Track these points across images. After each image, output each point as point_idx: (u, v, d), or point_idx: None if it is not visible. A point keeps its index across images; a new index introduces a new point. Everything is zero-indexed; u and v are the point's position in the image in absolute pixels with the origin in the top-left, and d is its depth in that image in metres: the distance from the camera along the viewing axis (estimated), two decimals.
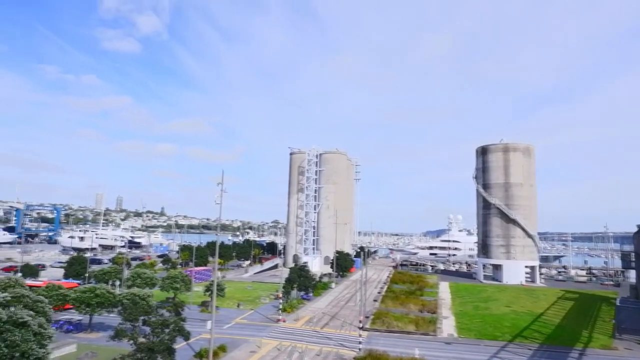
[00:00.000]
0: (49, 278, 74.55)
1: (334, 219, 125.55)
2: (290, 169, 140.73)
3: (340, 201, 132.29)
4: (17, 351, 23.32)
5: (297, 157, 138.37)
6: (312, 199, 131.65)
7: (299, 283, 68.43)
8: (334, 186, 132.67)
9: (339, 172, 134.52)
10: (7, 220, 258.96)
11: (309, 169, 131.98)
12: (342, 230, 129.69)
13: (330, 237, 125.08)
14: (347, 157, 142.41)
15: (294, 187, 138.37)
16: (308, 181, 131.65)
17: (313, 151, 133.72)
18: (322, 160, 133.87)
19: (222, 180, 37.31)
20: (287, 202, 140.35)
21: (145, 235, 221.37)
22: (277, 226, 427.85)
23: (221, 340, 41.74)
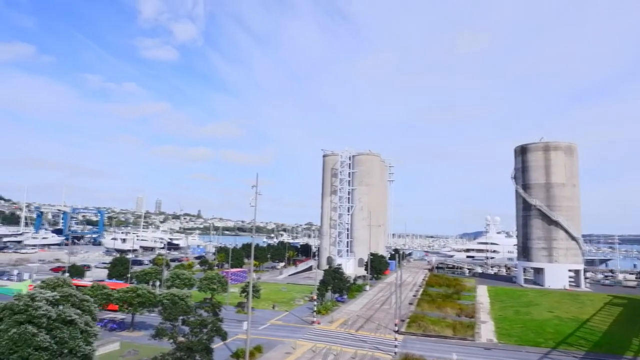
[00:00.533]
0: (93, 278, 77.88)
1: (368, 221, 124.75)
2: (323, 171, 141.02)
3: (373, 203, 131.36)
4: (65, 347, 24.42)
5: (330, 159, 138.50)
6: (346, 200, 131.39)
7: (333, 285, 68.36)
8: (368, 188, 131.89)
9: (372, 174, 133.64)
10: (55, 222, 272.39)
11: (342, 170, 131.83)
12: (376, 232, 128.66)
13: (364, 239, 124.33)
14: (381, 158, 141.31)
15: (327, 189, 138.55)
16: (341, 183, 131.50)
17: (346, 153, 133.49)
18: (355, 162, 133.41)
19: (256, 182, 37.85)
20: (321, 204, 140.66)
21: (183, 237, 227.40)
22: (310, 228, 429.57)
23: (257, 341, 42.28)
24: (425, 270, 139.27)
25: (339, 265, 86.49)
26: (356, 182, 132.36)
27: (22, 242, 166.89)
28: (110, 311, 50.38)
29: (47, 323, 24.26)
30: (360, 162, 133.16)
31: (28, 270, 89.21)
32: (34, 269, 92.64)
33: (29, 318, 24.00)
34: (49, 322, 24.38)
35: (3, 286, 55.67)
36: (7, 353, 23.00)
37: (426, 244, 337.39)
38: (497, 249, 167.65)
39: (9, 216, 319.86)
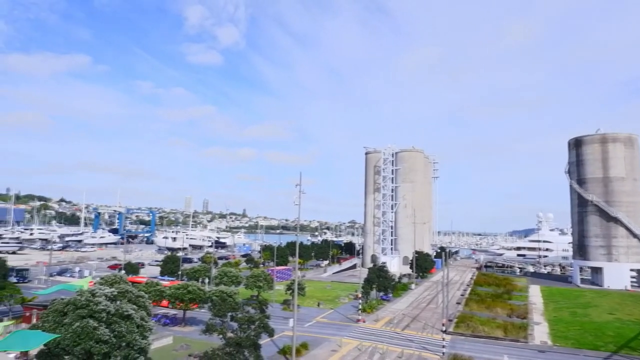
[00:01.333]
0: (147, 275, 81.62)
1: (412, 219, 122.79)
2: (366, 168, 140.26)
3: (417, 200, 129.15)
4: (123, 341, 25.78)
5: (372, 156, 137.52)
6: (389, 198, 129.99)
7: (378, 283, 67.89)
8: (411, 185, 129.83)
9: (415, 171, 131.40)
10: (111, 222, 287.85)
11: (385, 168, 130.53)
12: (421, 229, 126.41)
13: (409, 237, 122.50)
14: (424, 154, 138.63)
15: (370, 187, 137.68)
16: (384, 180, 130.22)
17: (389, 150, 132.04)
18: (398, 159, 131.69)
19: (300, 181, 38.24)
20: (364, 202, 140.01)
21: (230, 236, 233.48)
22: (354, 226, 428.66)
23: (303, 338, 42.74)
24: (472, 269, 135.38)
25: (383, 263, 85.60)
26: (399, 179, 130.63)
27: (82, 241, 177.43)
28: (163, 307, 52.59)
29: (106, 317, 25.70)
30: (403, 158, 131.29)
31: (88, 268, 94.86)
32: (93, 267, 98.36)
33: (90, 312, 25.52)
34: (108, 317, 25.82)
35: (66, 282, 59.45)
36: (71, 345, 24.57)
37: (473, 242, 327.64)
38: (550, 247, 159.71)
39: (70, 217, 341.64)
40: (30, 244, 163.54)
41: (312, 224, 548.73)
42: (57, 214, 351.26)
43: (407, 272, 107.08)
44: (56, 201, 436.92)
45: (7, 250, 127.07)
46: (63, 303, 26.91)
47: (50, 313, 26.78)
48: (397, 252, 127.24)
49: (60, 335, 24.71)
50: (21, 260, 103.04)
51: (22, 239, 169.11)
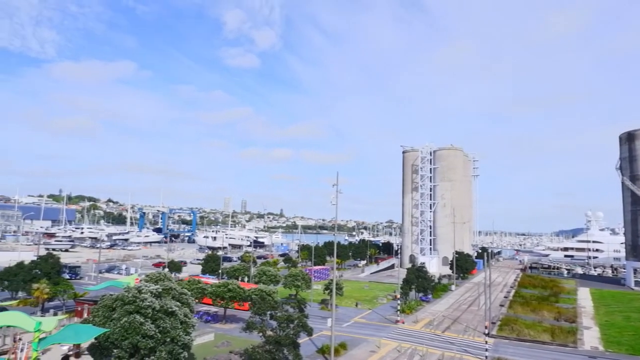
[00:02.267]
0: (189, 273, 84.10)
1: (452, 218, 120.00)
2: (403, 167, 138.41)
3: (457, 199, 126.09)
4: (168, 336, 26.63)
5: (409, 155, 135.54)
6: (427, 197, 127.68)
7: (417, 284, 66.81)
8: (450, 184, 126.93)
9: (455, 169, 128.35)
10: (155, 222, 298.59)
11: (422, 166, 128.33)
12: (461, 229, 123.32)
13: (448, 237, 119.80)
14: (463, 152, 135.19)
15: (407, 186, 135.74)
16: (422, 179, 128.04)
17: (426, 148, 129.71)
18: (437, 157, 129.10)
19: (337, 181, 38.18)
20: (402, 202, 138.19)
21: (268, 236, 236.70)
22: (391, 226, 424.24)
23: (341, 338, 42.65)
24: (516, 270, 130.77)
25: (422, 263, 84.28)
26: (438, 178, 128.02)
27: (128, 240, 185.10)
28: (206, 304, 53.95)
29: (152, 313, 26.62)
30: (441, 157, 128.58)
31: (134, 265, 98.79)
32: (139, 264, 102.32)
33: (137, 308, 26.51)
34: (154, 313, 26.74)
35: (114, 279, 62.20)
36: (120, 339, 25.63)
37: (517, 242, 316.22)
38: (600, 247, 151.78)
39: (117, 217, 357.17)
40: (81, 242, 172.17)
41: (349, 224, 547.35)
42: (105, 214, 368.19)
43: (446, 273, 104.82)
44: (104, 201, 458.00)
45: (60, 248, 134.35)
46: (112, 299, 28.13)
47: (100, 308, 28.05)
48: (436, 253, 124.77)
49: (110, 329, 25.83)
50: (73, 258, 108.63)
51: (74, 237, 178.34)
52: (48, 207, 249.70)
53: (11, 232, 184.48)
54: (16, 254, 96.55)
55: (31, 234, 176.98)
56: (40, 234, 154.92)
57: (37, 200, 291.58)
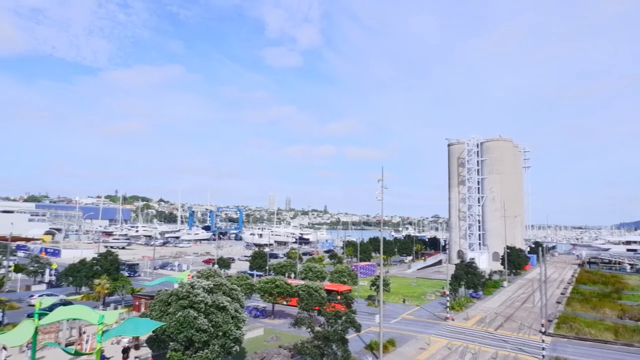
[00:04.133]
0: (237, 270, 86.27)
1: (501, 212, 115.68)
2: (448, 161, 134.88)
3: (507, 192, 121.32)
4: (220, 330, 27.45)
5: (455, 148, 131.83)
6: (475, 191, 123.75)
7: (466, 280, 65.03)
8: (499, 176, 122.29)
9: (504, 161, 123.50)
10: (204, 220, 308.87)
11: (469, 159, 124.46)
12: (512, 223, 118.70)
13: (498, 232, 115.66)
14: (513, 143, 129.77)
15: (454, 180, 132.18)
16: (469, 172, 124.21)
17: (473, 140, 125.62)
18: (484, 149, 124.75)
19: (381, 176, 37.76)
20: (448, 196, 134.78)
21: (312, 232, 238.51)
22: (437, 221, 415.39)
23: (389, 334, 42.24)
24: (573, 265, 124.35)
25: (471, 259, 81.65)
26: (486, 171, 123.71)
27: (179, 237, 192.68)
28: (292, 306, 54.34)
29: (204, 308, 27.53)
30: (489, 149, 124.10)
31: (185, 262, 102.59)
32: (190, 261, 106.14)
33: (191, 303, 27.50)
34: (206, 308, 27.63)
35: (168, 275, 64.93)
36: (175, 332, 26.69)
37: (573, 236, 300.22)
38: None
39: (168, 215, 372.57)
40: (136, 240, 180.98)
41: (393, 219, 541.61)
42: (158, 213, 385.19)
43: (497, 269, 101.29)
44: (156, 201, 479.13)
45: (117, 245, 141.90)
46: (167, 294, 29.32)
47: (157, 303, 29.33)
48: (486, 248, 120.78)
49: (166, 323, 26.94)
50: (129, 255, 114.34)
51: (130, 235, 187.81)
52: (106, 207, 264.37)
53: (74, 231, 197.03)
54: (79, 252, 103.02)
55: (91, 233, 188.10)
56: (99, 233, 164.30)
57: (95, 201, 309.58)
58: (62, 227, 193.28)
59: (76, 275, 58.55)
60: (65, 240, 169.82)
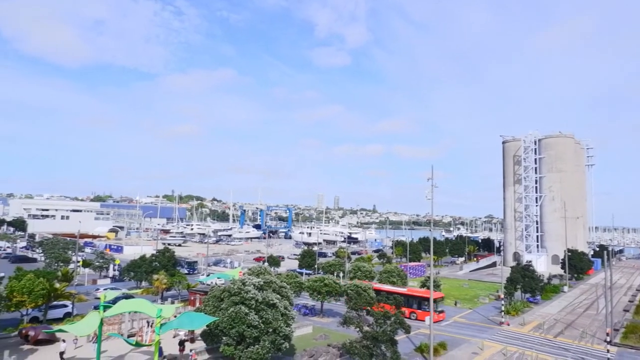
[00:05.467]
0: (287, 268, 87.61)
1: (562, 212, 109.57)
2: (503, 159, 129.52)
3: (568, 192, 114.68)
4: (270, 327, 28.09)
5: (511, 145, 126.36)
6: (533, 190, 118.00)
7: (523, 284, 62.18)
8: (559, 175, 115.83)
9: (564, 159, 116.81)
10: (254, 219, 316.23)
11: (526, 157, 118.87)
12: (573, 225, 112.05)
13: (558, 233, 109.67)
14: (575, 140, 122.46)
15: (509, 179, 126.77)
16: (526, 171, 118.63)
17: (530, 137, 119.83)
18: (542, 146, 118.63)
19: (432, 175, 36.97)
20: (503, 195, 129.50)
21: (361, 231, 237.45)
22: (491, 221, 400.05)
23: (440, 337, 41.28)
24: None
25: (528, 262, 78.00)
26: (544, 169, 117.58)
27: (231, 235, 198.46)
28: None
29: (255, 305, 28.28)
30: (548, 145, 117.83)
31: (237, 259, 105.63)
32: (242, 258, 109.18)
33: (242, 300, 28.34)
34: (257, 304, 28.37)
35: (221, 272, 67.22)
36: (228, 328, 27.61)
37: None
38: None
39: (221, 214, 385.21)
40: (191, 237, 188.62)
41: (444, 219, 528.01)
42: (211, 212, 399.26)
43: (557, 273, 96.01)
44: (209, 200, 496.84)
45: (174, 243, 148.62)
46: (220, 290, 30.39)
47: (210, 298, 30.47)
48: (544, 250, 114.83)
49: (219, 318, 27.94)
50: (185, 252, 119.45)
51: (185, 233, 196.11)
52: (163, 206, 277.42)
53: (134, 229, 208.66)
54: (139, 248, 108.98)
55: (150, 231, 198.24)
56: (157, 231, 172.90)
57: (154, 200, 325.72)
58: (124, 225, 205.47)
59: (137, 270, 62.02)
60: (127, 237, 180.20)
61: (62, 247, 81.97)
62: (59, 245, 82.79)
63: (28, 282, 39.34)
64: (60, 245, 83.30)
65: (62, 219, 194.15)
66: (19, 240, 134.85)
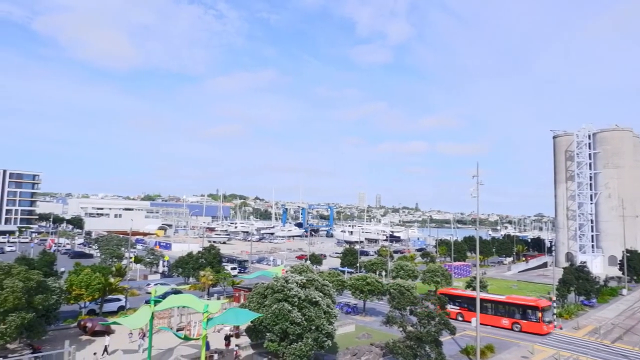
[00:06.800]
0: (328, 266, 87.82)
1: (620, 211, 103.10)
2: (554, 154, 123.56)
3: (626, 189, 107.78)
4: (313, 325, 28.25)
5: (562, 140, 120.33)
6: (587, 187, 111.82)
7: (576, 286, 59.09)
8: (616, 170, 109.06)
9: (622, 153, 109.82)
10: (296, 217, 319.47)
11: (579, 152, 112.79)
12: (632, 224, 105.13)
13: (615, 233, 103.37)
14: (633, 133, 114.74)
15: (561, 175, 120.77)
16: (579, 167, 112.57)
17: (583, 131, 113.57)
18: (597, 141, 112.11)
19: (477, 172, 35.84)
20: (554, 193, 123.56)
21: (403, 230, 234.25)
22: (541, 220, 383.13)
23: (487, 339, 39.97)
24: None
25: (582, 262, 74.06)
26: (600, 165, 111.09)
27: (274, 233, 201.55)
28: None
29: (298, 302, 28.52)
30: (604, 140, 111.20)
31: (280, 257, 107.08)
32: (284, 256, 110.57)
33: (285, 297, 28.68)
34: (299, 302, 28.60)
35: (264, 269, 68.41)
36: (271, 324, 28.03)
37: None
38: None
39: (263, 212, 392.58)
40: (235, 235, 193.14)
41: (490, 218, 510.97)
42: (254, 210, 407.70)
43: (615, 275, 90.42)
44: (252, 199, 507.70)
45: (219, 240, 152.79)
46: (263, 287, 30.90)
47: (254, 295, 31.05)
48: (600, 251, 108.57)
49: (262, 314, 28.42)
50: (229, 250, 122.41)
51: (229, 231, 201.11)
52: (208, 205, 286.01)
53: (182, 227, 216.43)
54: (186, 246, 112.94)
55: (196, 228, 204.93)
56: (203, 229, 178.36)
57: (199, 199, 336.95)
58: (172, 223, 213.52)
59: (184, 266, 64.28)
60: (175, 235, 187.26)
61: (116, 243, 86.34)
62: (112, 242, 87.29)
63: (85, 276, 41.78)
64: (114, 242, 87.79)
65: (115, 217, 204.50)
66: (77, 237, 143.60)
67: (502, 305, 46.82)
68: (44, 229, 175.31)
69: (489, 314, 47.07)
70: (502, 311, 46.53)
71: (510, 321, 45.88)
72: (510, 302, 47.31)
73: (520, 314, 45.67)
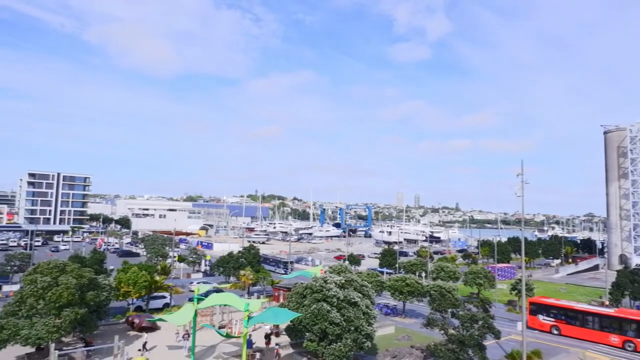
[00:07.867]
0: (367, 267, 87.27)
1: None
2: (605, 151, 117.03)
3: None
4: (352, 325, 28.13)
5: (614, 135, 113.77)
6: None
7: (631, 290, 55.67)
8: None
9: None
10: (334, 217, 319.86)
11: (633, 148, 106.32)
12: None
13: None
14: None
15: (613, 173, 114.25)
16: (634, 163, 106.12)
17: (637, 125, 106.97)
18: None
19: (521, 170, 34.52)
20: (605, 191, 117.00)
21: (443, 230, 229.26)
22: (591, 220, 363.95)
23: (534, 344, 38.36)
24: None
25: (638, 265, 69.69)
26: None
27: (312, 234, 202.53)
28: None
29: (336, 302, 28.50)
30: None
31: (318, 258, 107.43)
32: (322, 257, 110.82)
33: (324, 297, 28.73)
34: (338, 302, 28.57)
35: (302, 269, 68.86)
36: (310, 324, 28.15)
37: None
38: None
39: (301, 213, 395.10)
40: (274, 235, 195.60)
41: (536, 218, 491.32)
42: (292, 210, 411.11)
43: None
44: (290, 199, 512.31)
45: (258, 240, 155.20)
46: (302, 287, 31.08)
47: (294, 295, 31.30)
48: None
49: (302, 314, 28.59)
50: (268, 250, 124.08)
51: (268, 231, 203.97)
52: (248, 205, 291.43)
53: (222, 227, 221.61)
54: (227, 245, 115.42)
55: (237, 229, 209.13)
56: (243, 229, 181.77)
57: (239, 200, 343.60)
58: (213, 224, 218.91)
59: (225, 266, 65.74)
60: (216, 235, 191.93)
61: (161, 243, 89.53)
62: (157, 242, 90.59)
63: (133, 274, 43.59)
64: (159, 241, 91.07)
65: (160, 218, 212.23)
66: (124, 237, 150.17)
67: (611, 320, 42.00)
68: (94, 228, 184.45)
69: (593, 328, 42.55)
70: (610, 326, 41.80)
71: (621, 339, 40.73)
72: (622, 316, 42.07)
73: (634, 331, 40.39)
